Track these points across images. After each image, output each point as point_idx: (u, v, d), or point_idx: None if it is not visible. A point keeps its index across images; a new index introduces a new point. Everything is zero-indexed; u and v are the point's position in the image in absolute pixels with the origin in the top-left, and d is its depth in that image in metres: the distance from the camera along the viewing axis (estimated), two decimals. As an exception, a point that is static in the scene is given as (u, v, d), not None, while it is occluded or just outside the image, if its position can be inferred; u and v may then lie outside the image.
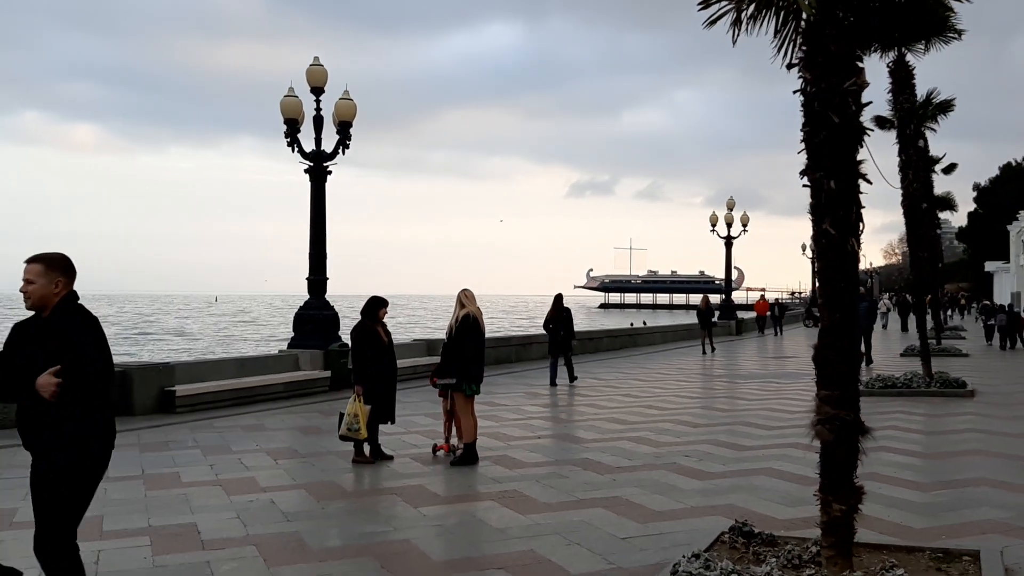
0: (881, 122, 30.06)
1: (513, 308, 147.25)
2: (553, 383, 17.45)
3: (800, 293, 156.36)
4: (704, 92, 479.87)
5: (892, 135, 18.41)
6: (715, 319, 32.69)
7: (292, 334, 17.73)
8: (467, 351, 9.26)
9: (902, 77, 16.31)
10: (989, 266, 68.06)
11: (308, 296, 17.81)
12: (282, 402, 15.12)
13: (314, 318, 17.41)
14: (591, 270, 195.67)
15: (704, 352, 28.02)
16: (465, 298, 9.48)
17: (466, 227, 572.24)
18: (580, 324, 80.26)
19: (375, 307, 9.74)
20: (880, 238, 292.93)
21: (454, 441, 9.80)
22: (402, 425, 12.03)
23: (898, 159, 16.04)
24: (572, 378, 17.93)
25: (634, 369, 21.75)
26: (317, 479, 8.72)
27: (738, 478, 8.40)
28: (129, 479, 8.79)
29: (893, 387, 15.21)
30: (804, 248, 63.15)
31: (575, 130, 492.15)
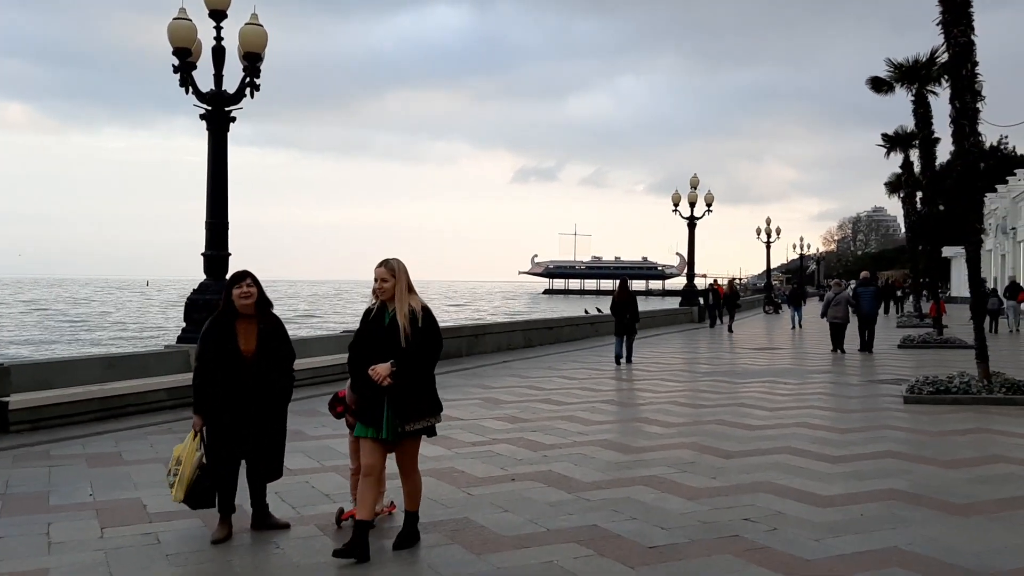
0: (878, 85, 27.29)
1: (460, 294, 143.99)
2: (617, 361, 18.36)
3: (740, 280, 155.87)
4: (647, 79, 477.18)
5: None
6: (739, 302, 36.98)
7: (183, 325, 13.99)
8: (429, 366, 5.63)
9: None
10: (947, 251, 66.36)
11: (205, 277, 14.07)
12: (165, 414, 11.44)
13: (211, 304, 13.59)
14: (536, 256, 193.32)
15: (731, 330, 30.54)
16: (407, 276, 5.56)
17: (410, 211, 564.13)
18: (527, 311, 77.43)
19: (227, 289, 5.96)
20: (818, 225, 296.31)
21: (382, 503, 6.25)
22: (316, 455, 8.53)
23: (950, 107, 12.76)
24: (629, 359, 18.53)
25: (606, 365, 18.37)
26: (148, 581, 5.13)
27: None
28: None
29: (947, 392, 12.07)
30: (759, 232, 61.10)
31: (520, 115, 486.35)
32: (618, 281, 20.06)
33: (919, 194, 37.24)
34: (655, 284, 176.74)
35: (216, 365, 5.76)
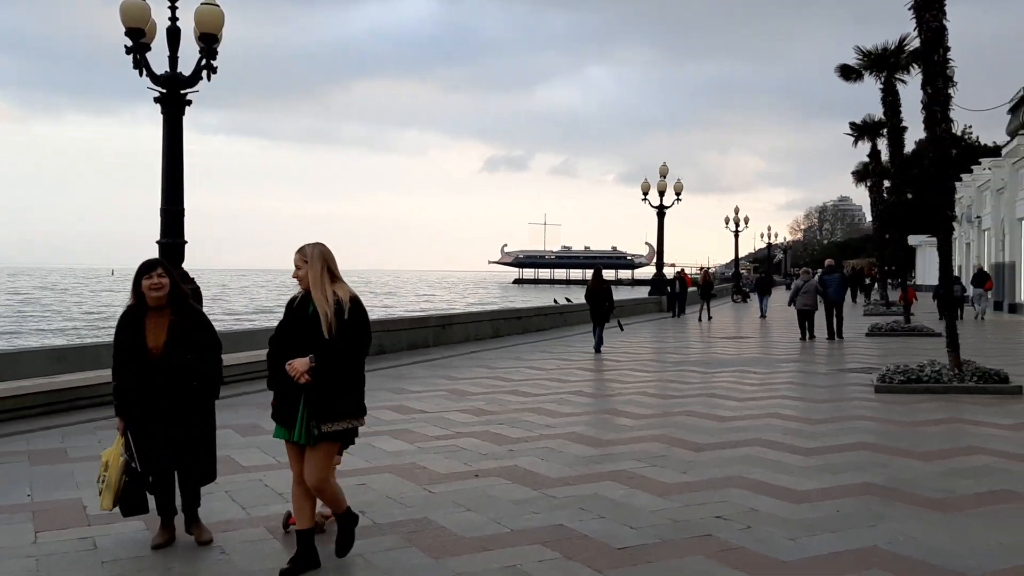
0: (847, 72, 27.24)
1: (429, 284, 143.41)
2: (597, 350, 18.37)
3: (710, 269, 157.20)
4: (616, 70, 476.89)
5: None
6: (713, 291, 37.01)
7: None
8: (354, 363, 5.03)
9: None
10: (912, 240, 66.91)
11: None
12: (118, 408, 10.95)
13: (167, 294, 13.18)
14: (506, 245, 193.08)
15: (700, 320, 30.53)
16: (335, 263, 5.06)
17: (380, 201, 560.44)
18: (496, 300, 76.83)
19: (135, 281, 5.44)
20: (785, 215, 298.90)
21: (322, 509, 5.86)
22: (272, 450, 8.17)
23: (922, 93, 12.58)
24: (597, 349, 18.42)
25: (576, 355, 18.14)
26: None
27: None
28: None
29: (918, 381, 11.93)
30: (727, 221, 61.20)
31: (490, 105, 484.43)
32: (592, 271, 20.16)
33: (886, 182, 37.42)
34: (624, 273, 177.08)
35: (129, 363, 5.38)
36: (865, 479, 6.93)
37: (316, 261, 4.94)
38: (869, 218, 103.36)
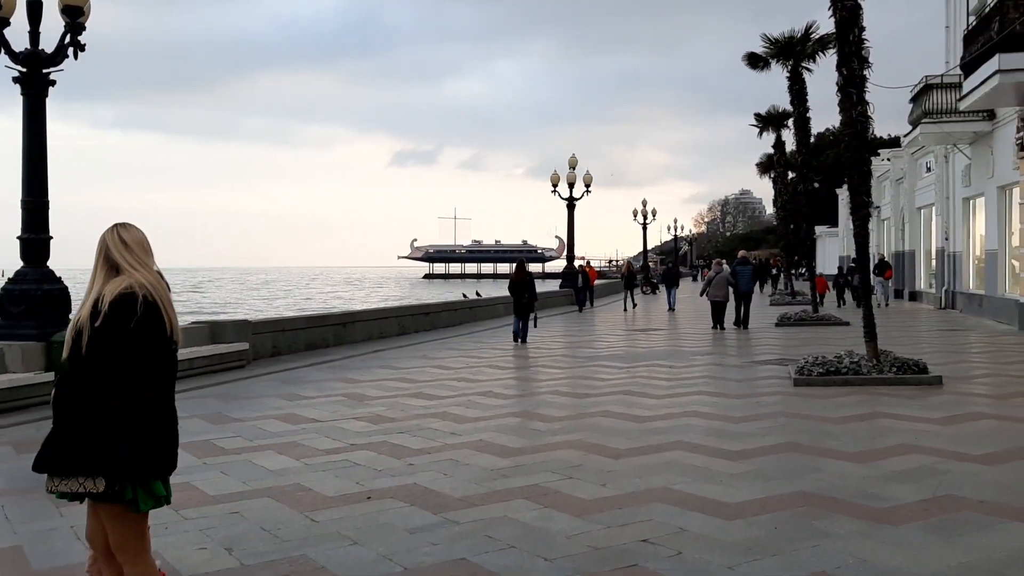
0: (754, 60, 27.13)
1: (336, 280, 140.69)
2: (515, 340, 18.85)
3: (616, 261, 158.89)
4: (524, 63, 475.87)
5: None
6: (636, 282, 39.79)
7: (-5, 320, 12.11)
8: (140, 393, 3.37)
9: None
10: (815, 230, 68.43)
11: (23, 264, 12.25)
12: (-31, 424, 9.68)
13: (29, 295, 11.89)
14: (415, 240, 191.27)
15: (625, 309, 32.16)
16: (126, 250, 3.53)
17: (285, 197, 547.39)
18: (405, 296, 75.52)
19: None
20: (690, 208, 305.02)
21: None
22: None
23: (837, 75, 12.17)
24: (524, 340, 18.81)
25: (485, 351, 17.36)
26: None
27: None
28: None
29: (836, 373, 11.52)
30: (635, 214, 61.46)
31: (397, 98, 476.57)
32: (515, 264, 20.80)
33: (791, 173, 37.77)
34: (535, 267, 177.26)
35: None
36: (799, 487, 6.31)
37: (100, 251, 3.58)
38: (770, 210, 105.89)
